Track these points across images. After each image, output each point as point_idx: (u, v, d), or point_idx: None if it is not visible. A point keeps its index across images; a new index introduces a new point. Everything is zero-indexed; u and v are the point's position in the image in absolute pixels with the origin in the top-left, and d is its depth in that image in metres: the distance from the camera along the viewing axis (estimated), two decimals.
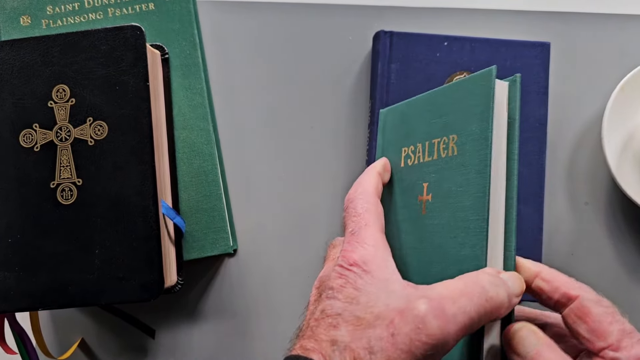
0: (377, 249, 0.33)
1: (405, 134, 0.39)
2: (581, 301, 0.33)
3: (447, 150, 0.36)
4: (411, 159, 0.38)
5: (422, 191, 0.37)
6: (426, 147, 0.37)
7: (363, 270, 0.32)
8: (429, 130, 0.37)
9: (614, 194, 0.53)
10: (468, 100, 0.35)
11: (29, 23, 0.52)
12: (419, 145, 0.38)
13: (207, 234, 0.50)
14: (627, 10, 0.55)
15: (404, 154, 0.39)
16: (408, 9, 0.54)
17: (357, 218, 0.35)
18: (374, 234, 0.34)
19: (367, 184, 0.37)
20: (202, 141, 0.51)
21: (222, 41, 0.54)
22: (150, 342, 0.52)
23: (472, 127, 0.34)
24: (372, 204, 0.35)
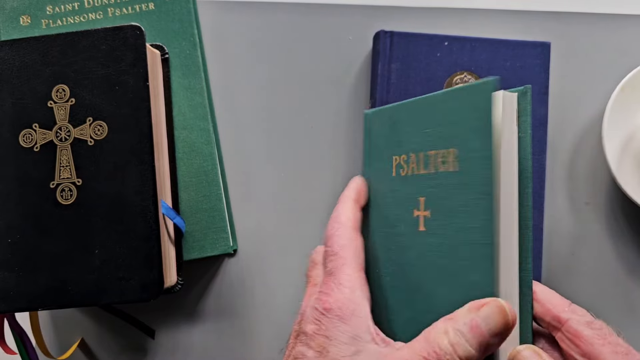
0: (353, 292, 0.33)
1: (397, 142, 0.37)
2: (571, 324, 0.33)
3: (447, 165, 0.34)
4: (404, 169, 0.36)
5: (419, 206, 0.35)
6: (421, 158, 0.35)
7: (337, 316, 0.32)
8: (424, 140, 0.35)
9: (615, 194, 0.53)
10: (467, 112, 0.33)
11: (28, 23, 0.52)
12: (412, 155, 0.36)
13: (207, 234, 0.50)
14: (627, 10, 0.55)
15: (395, 162, 0.37)
16: (408, 8, 0.54)
17: (334, 257, 0.35)
18: (351, 274, 0.34)
19: (343, 217, 0.36)
20: (202, 141, 0.51)
21: (222, 41, 0.54)
22: (150, 342, 0.52)
23: (473, 143, 0.32)
24: (348, 239, 0.35)
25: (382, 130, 0.38)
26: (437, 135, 0.34)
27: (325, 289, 0.33)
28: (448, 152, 0.34)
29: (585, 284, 0.52)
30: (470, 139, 0.32)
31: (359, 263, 0.35)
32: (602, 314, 0.52)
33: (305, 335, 0.33)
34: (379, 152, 0.38)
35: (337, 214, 0.37)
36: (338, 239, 0.35)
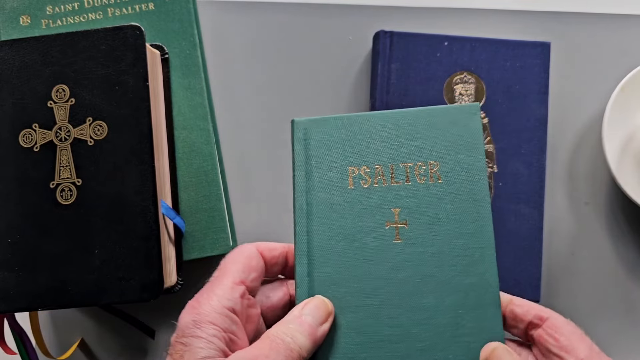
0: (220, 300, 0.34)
1: (352, 152, 0.37)
2: (553, 321, 0.34)
3: (427, 177, 0.36)
4: (366, 181, 0.36)
5: (393, 217, 0.36)
6: (391, 169, 0.36)
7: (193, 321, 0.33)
8: (395, 152, 0.37)
9: (614, 194, 0.53)
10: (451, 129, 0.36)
11: (28, 23, 0.52)
12: (377, 166, 0.36)
13: (207, 234, 0.50)
14: (627, 10, 0.55)
15: (352, 174, 0.37)
16: (408, 9, 0.54)
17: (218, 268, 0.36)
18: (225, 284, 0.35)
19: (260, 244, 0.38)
20: (202, 141, 0.51)
21: (222, 41, 0.54)
22: (150, 342, 0.52)
23: (459, 157, 0.36)
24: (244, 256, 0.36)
25: (330, 140, 0.38)
26: (411, 148, 0.37)
27: (197, 296, 0.35)
28: (428, 165, 0.36)
29: (585, 283, 0.52)
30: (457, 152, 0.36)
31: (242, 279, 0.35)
32: (602, 314, 0.52)
33: (170, 345, 0.34)
34: (325, 162, 0.38)
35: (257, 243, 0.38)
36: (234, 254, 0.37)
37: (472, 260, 0.35)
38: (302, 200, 0.38)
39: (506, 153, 0.49)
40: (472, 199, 0.35)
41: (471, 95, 0.50)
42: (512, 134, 0.50)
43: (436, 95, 0.50)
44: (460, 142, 0.36)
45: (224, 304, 0.34)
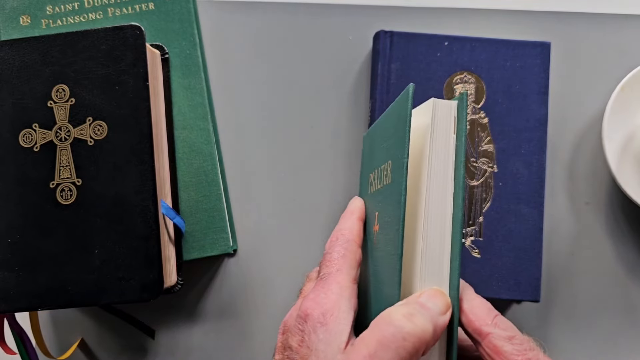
0: (340, 298, 0.32)
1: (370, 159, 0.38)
2: (491, 339, 0.32)
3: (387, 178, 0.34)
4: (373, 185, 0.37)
5: (374, 221, 0.35)
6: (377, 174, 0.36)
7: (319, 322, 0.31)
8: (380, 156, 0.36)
9: (615, 194, 0.53)
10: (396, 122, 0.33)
11: (28, 23, 0.52)
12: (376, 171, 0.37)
13: (207, 234, 0.50)
14: (627, 10, 0.55)
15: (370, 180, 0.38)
16: (408, 9, 0.54)
17: (330, 263, 0.35)
18: (341, 281, 0.33)
19: (346, 230, 0.36)
20: (202, 141, 0.51)
21: (222, 41, 0.54)
22: (150, 342, 0.52)
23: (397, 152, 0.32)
24: (349, 250, 0.35)
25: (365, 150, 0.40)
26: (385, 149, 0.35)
27: (312, 293, 0.33)
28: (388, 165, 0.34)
29: (585, 284, 0.52)
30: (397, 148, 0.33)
31: (353, 275, 0.34)
32: (602, 314, 0.52)
33: (291, 349, 0.32)
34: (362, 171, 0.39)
35: (339, 228, 0.37)
36: (339, 248, 0.35)
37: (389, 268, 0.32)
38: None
39: (506, 153, 0.49)
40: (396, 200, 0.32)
41: (471, 95, 0.50)
42: (512, 134, 0.50)
43: (436, 95, 0.50)
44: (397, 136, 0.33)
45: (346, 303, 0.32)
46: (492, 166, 0.49)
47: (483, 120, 0.50)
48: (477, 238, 0.48)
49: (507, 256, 0.48)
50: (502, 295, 0.48)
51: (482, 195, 0.49)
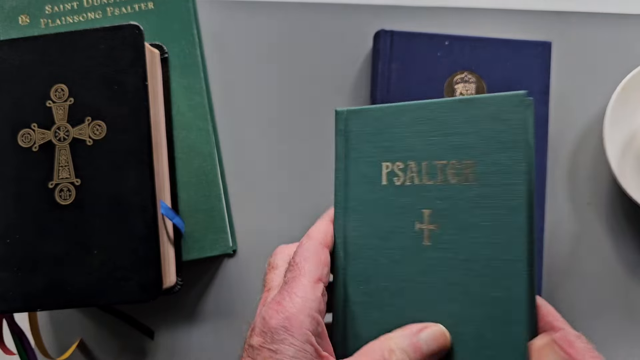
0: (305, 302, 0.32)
1: (387, 147, 0.35)
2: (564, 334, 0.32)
3: (461, 177, 0.33)
4: (400, 178, 0.35)
5: (422, 218, 0.34)
6: (424, 167, 0.34)
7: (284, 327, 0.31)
8: (429, 148, 0.34)
9: (616, 194, 0.53)
10: (491, 123, 0.33)
11: (27, 22, 0.51)
12: (411, 163, 0.34)
13: (206, 234, 0.50)
14: (627, 10, 0.55)
15: (385, 169, 0.35)
16: (408, 8, 0.54)
17: (293, 267, 0.34)
18: (307, 285, 0.33)
19: (314, 232, 0.36)
20: (201, 141, 0.51)
21: (222, 41, 0.54)
22: (150, 342, 0.52)
23: (497, 156, 0.32)
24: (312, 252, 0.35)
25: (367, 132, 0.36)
26: (448, 145, 0.34)
27: (277, 298, 0.33)
28: (462, 164, 0.33)
29: (586, 284, 0.52)
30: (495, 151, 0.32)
31: (318, 276, 0.34)
32: (602, 314, 0.52)
33: (252, 348, 0.32)
34: (362, 155, 0.36)
35: (310, 230, 0.37)
36: (303, 251, 0.35)
37: (500, 272, 0.32)
38: (341, 194, 0.36)
39: None
40: (509, 206, 0.32)
41: (472, 94, 0.50)
42: None
43: (437, 95, 0.50)
44: (499, 140, 0.32)
45: (310, 305, 0.32)
46: None
47: None
48: None
49: None
50: None
51: None
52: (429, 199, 0.34)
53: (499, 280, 0.32)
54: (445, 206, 0.33)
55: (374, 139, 0.36)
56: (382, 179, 0.35)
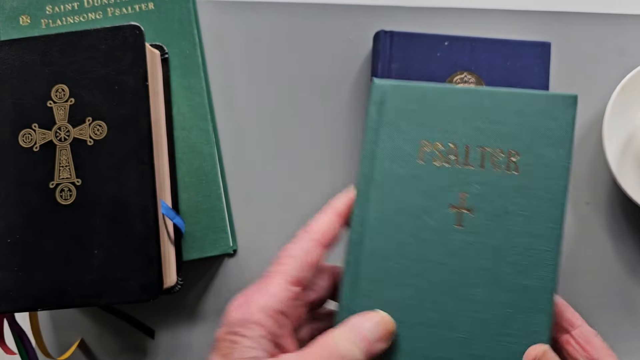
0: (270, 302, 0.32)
1: (428, 125, 0.35)
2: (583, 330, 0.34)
3: (504, 166, 0.34)
4: (439, 158, 0.35)
5: (457, 201, 0.34)
6: (466, 151, 0.34)
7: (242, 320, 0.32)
8: (473, 133, 0.34)
9: (615, 194, 0.53)
10: (540, 119, 0.34)
11: (28, 23, 0.51)
12: (451, 145, 0.35)
13: (206, 234, 0.50)
14: (627, 10, 0.55)
15: (424, 148, 0.35)
16: (408, 8, 0.54)
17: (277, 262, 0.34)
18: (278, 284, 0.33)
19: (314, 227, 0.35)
20: (201, 141, 0.51)
21: (222, 41, 0.54)
22: (150, 342, 0.52)
23: (543, 150, 0.34)
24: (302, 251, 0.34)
25: (407, 109, 0.35)
26: (494, 132, 0.34)
27: (247, 290, 0.33)
28: (506, 153, 0.34)
29: (585, 284, 0.52)
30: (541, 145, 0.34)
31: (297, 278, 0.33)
32: (602, 314, 0.52)
33: (216, 340, 0.32)
34: (398, 131, 0.35)
35: (311, 222, 0.36)
36: (292, 247, 0.34)
37: (534, 261, 0.33)
38: (367, 167, 0.35)
39: None
40: (548, 198, 0.33)
41: None
42: None
43: None
44: (547, 135, 0.34)
45: (274, 306, 0.32)
46: None
47: None
48: None
49: None
50: None
51: None
52: (466, 182, 0.34)
53: (530, 268, 0.33)
54: (483, 191, 0.34)
55: (414, 115, 0.35)
56: (418, 156, 0.35)
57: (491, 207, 0.34)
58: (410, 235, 0.34)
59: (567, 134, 0.34)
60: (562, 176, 0.33)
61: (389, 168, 0.35)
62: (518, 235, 0.33)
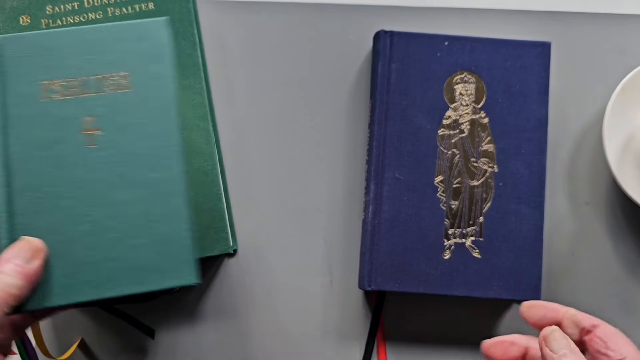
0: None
1: (45, 67, 0.40)
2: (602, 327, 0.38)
3: (118, 87, 0.40)
4: (60, 93, 0.40)
5: (86, 125, 0.40)
6: (84, 82, 0.40)
7: None
8: (87, 65, 0.40)
9: (615, 194, 0.53)
10: (141, 43, 0.40)
11: (28, 23, 0.51)
12: (71, 80, 0.40)
13: (207, 234, 0.50)
14: (628, 10, 0.55)
15: (44, 88, 0.40)
16: (408, 8, 0.54)
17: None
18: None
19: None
20: (202, 141, 0.51)
21: (222, 41, 0.54)
22: (150, 342, 0.52)
23: (148, 67, 0.40)
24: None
25: (22, 56, 0.40)
26: (103, 60, 0.40)
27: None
28: (119, 76, 0.40)
29: (585, 284, 0.52)
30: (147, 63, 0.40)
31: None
32: (602, 314, 0.51)
33: None
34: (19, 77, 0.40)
35: None
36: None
37: (159, 158, 0.40)
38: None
39: (506, 153, 0.49)
40: (160, 105, 0.40)
41: (471, 95, 0.50)
42: (512, 134, 0.49)
43: (436, 95, 0.50)
44: (149, 54, 0.40)
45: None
46: (492, 166, 0.49)
47: (483, 120, 0.50)
48: (477, 238, 0.48)
49: (507, 256, 0.48)
50: (503, 295, 0.48)
51: (483, 195, 0.49)
52: (90, 107, 0.40)
53: (159, 164, 0.40)
54: (105, 112, 0.40)
55: (32, 61, 0.40)
56: (41, 96, 0.40)
57: (116, 123, 0.40)
58: (51, 166, 0.39)
59: (164, 51, 0.41)
60: (168, 85, 0.40)
61: (17, 112, 0.40)
62: (143, 140, 0.40)
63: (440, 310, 0.52)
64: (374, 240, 0.48)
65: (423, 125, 0.49)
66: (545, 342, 0.36)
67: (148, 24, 0.41)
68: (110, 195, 0.39)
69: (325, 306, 0.52)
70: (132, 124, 0.40)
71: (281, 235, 0.53)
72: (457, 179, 0.49)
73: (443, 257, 0.48)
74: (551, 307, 0.39)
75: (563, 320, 0.38)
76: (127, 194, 0.39)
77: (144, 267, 0.39)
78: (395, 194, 0.49)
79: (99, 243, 0.39)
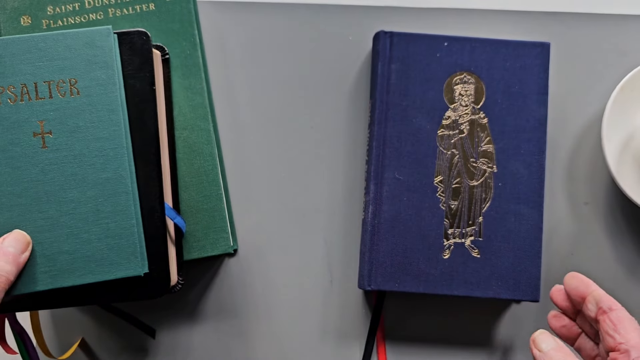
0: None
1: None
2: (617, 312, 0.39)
3: (67, 92, 0.42)
4: (13, 98, 0.42)
5: (39, 128, 0.42)
6: (35, 87, 0.42)
7: None
8: (38, 72, 0.42)
9: (614, 194, 0.53)
10: (87, 50, 0.43)
11: (29, 23, 0.52)
12: (22, 85, 0.42)
13: (207, 234, 0.50)
14: (627, 10, 0.55)
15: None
16: (408, 9, 0.54)
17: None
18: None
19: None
20: (202, 141, 0.51)
21: (222, 41, 0.54)
22: (151, 341, 0.52)
23: (95, 74, 0.42)
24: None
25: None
26: (53, 67, 0.42)
27: None
28: (67, 81, 0.42)
29: None
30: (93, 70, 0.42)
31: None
32: None
33: None
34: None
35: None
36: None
37: (107, 159, 0.42)
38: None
39: (506, 153, 0.49)
40: (107, 109, 0.42)
41: (471, 95, 0.50)
42: (511, 134, 0.50)
43: (436, 96, 0.50)
44: (95, 61, 0.43)
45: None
46: (491, 166, 0.49)
47: (483, 120, 0.50)
48: (476, 238, 0.49)
49: (506, 256, 0.48)
50: (502, 295, 0.48)
51: (482, 196, 0.49)
52: (42, 112, 0.42)
53: (107, 164, 0.42)
54: (56, 116, 0.42)
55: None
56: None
57: (66, 126, 0.42)
58: (6, 166, 0.42)
59: (110, 58, 0.43)
60: (112, 90, 0.42)
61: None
62: (92, 142, 0.42)
63: (440, 310, 0.52)
64: (374, 240, 0.48)
65: (423, 126, 0.50)
66: (534, 344, 0.40)
67: (94, 32, 0.43)
68: (63, 193, 0.42)
69: (325, 306, 0.52)
70: (82, 127, 0.42)
71: (281, 235, 0.53)
72: (457, 179, 0.49)
73: (443, 257, 0.48)
74: (585, 282, 0.42)
75: (587, 296, 0.41)
76: (79, 193, 0.42)
77: (96, 259, 0.42)
78: (395, 194, 0.49)
79: (54, 237, 0.41)
